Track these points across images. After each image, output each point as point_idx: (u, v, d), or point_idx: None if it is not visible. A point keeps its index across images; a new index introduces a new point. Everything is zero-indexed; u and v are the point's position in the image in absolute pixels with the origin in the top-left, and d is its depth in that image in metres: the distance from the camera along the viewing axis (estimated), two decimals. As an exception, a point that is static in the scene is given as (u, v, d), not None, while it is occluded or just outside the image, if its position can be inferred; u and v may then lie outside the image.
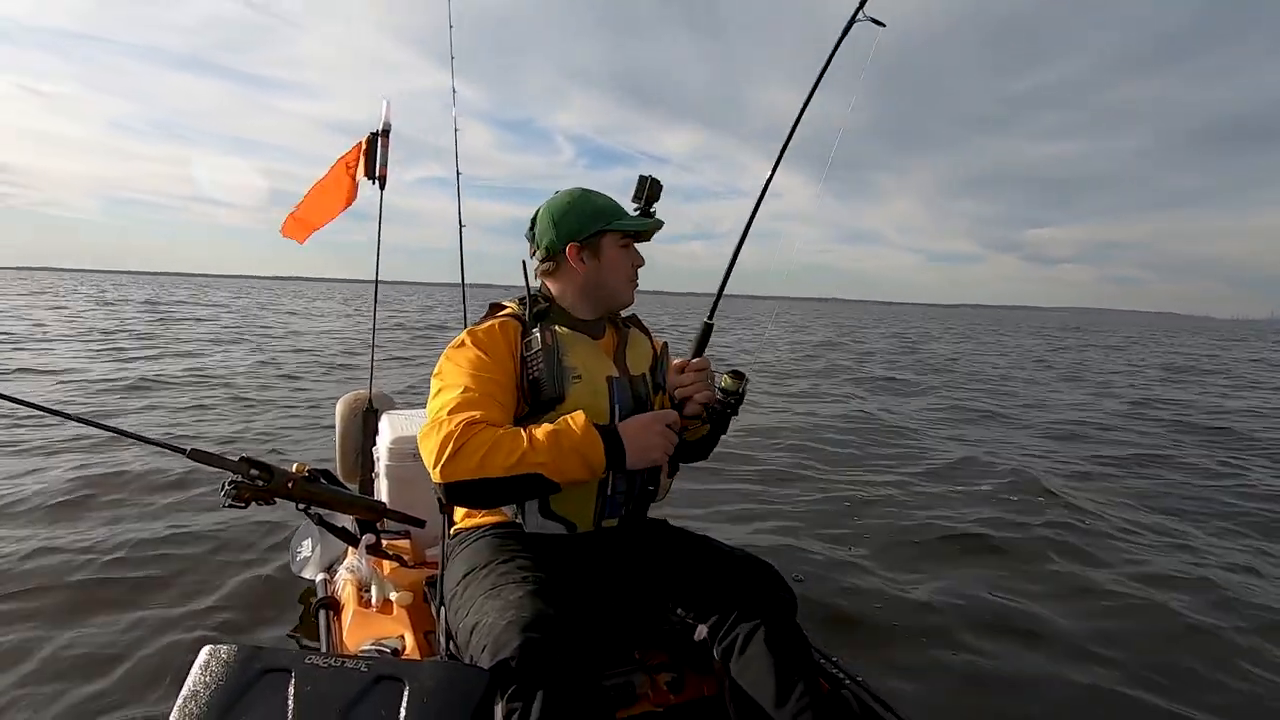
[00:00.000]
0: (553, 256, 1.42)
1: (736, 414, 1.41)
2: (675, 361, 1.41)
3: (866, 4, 1.40)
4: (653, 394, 1.48)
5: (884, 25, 1.39)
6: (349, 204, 2.91)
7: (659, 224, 1.45)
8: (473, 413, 1.21)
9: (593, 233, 1.39)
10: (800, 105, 1.43)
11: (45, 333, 12.97)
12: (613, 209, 1.42)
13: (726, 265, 1.46)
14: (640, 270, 1.46)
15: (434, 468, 1.19)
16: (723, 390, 1.38)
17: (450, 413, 1.22)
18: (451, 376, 1.30)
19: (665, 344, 1.59)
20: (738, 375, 1.38)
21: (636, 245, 1.47)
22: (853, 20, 1.41)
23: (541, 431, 1.20)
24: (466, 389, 1.26)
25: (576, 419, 1.22)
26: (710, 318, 1.41)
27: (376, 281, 2.96)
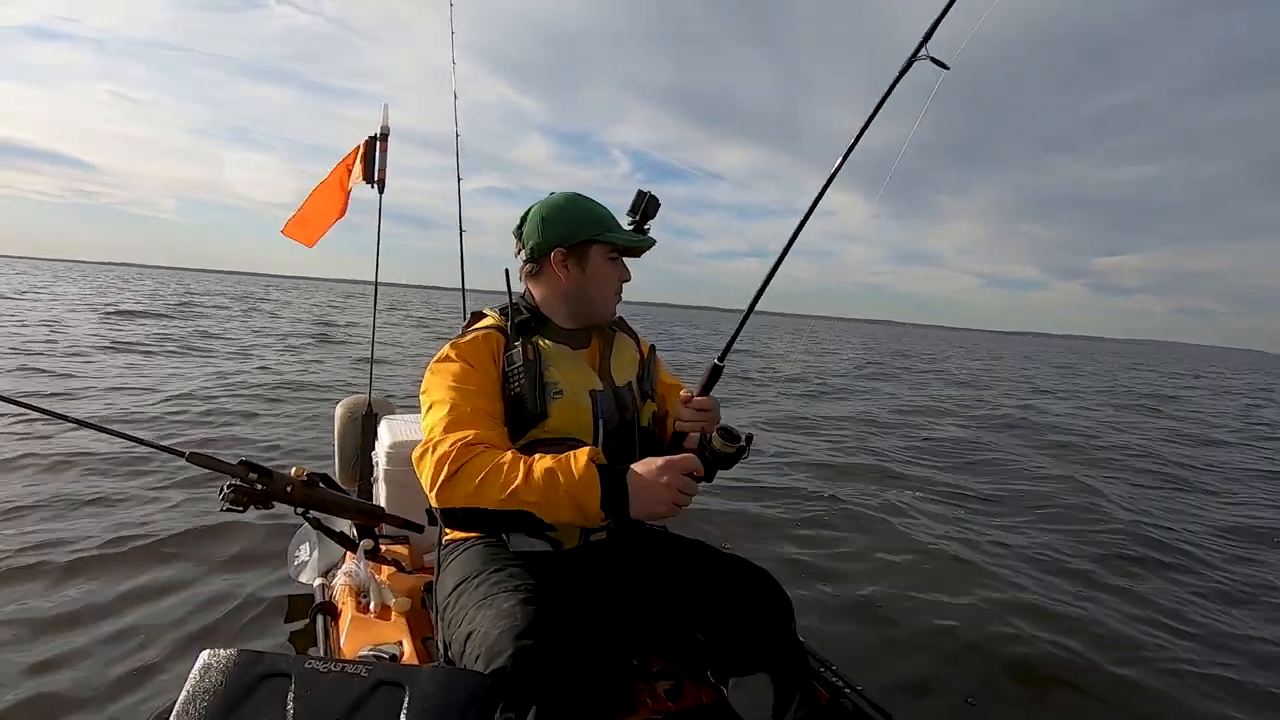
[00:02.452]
0: (537, 259, 1.39)
1: (727, 469, 1.27)
2: (683, 392, 1.35)
3: (929, 43, 1.28)
4: (640, 402, 1.45)
5: (947, 68, 1.25)
6: (342, 213, 2.89)
7: (651, 242, 1.41)
8: (466, 432, 1.19)
9: (581, 240, 1.36)
10: (853, 136, 1.34)
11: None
12: (605, 219, 1.39)
13: (744, 312, 1.37)
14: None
15: (430, 490, 1.18)
16: (710, 448, 1.24)
17: (445, 431, 1.20)
18: (439, 392, 1.28)
19: (653, 347, 1.57)
20: (730, 437, 1.23)
21: (627, 261, 1.44)
22: (913, 59, 1.29)
23: (541, 466, 1.15)
24: (455, 405, 1.24)
25: (579, 458, 1.15)
26: (721, 359, 1.33)
27: (376, 285, 2.97)
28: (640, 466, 1.17)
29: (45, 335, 10.68)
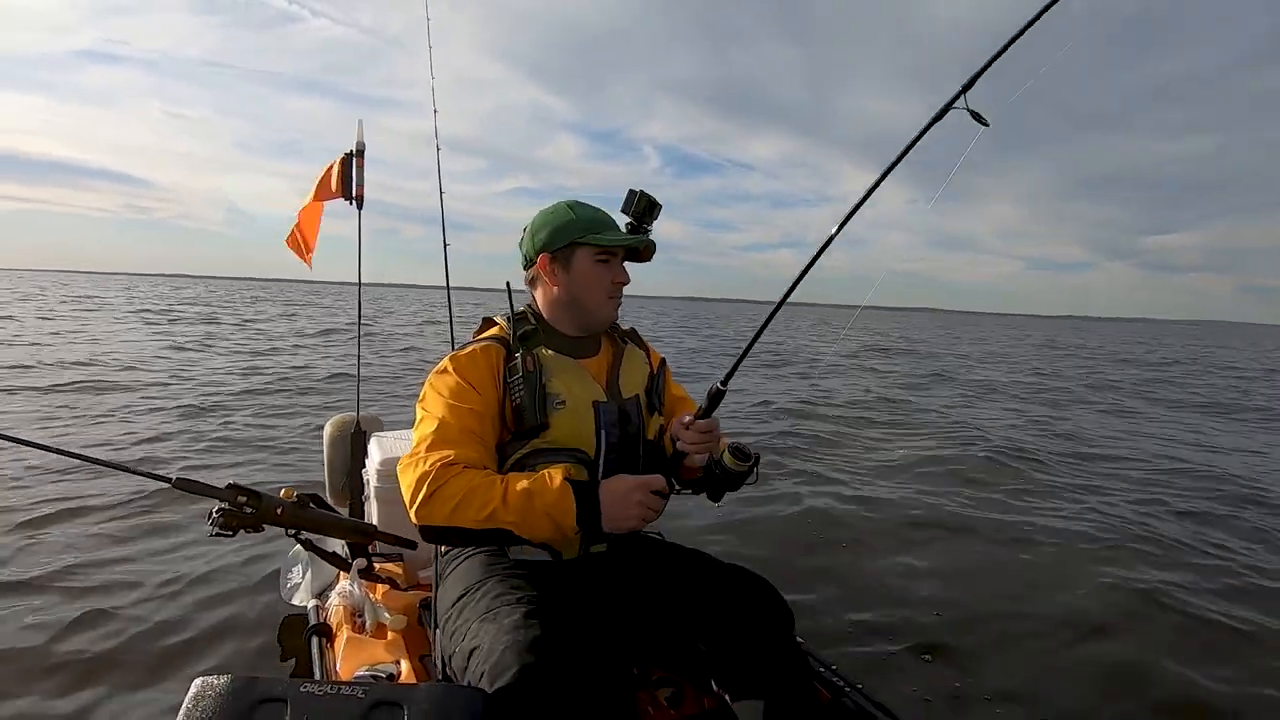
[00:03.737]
0: (530, 266, 1.41)
1: (735, 490, 1.32)
2: (685, 415, 1.33)
3: (969, 92, 1.16)
4: (647, 415, 1.44)
5: (986, 125, 1.14)
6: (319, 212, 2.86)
7: (644, 241, 1.39)
8: (447, 451, 1.21)
9: (564, 244, 1.36)
10: (877, 176, 1.22)
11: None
12: (592, 222, 1.37)
13: (749, 341, 1.29)
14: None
15: (410, 508, 1.20)
16: (721, 465, 1.28)
17: (428, 449, 1.22)
18: (432, 406, 1.29)
19: (663, 359, 1.57)
20: (741, 455, 1.26)
21: (631, 263, 1.43)
22: (948, 108, 1.17)
23: (518, 487, 1.17)
24: (444, 421, 1.25)
25: (554, 477, 1.19)
26: (724, 383, 1.29)
27: (359, 300, 2.95)
28: (612, 483, 1.21)
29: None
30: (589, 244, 1.36)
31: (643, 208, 1.37)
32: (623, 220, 1.40)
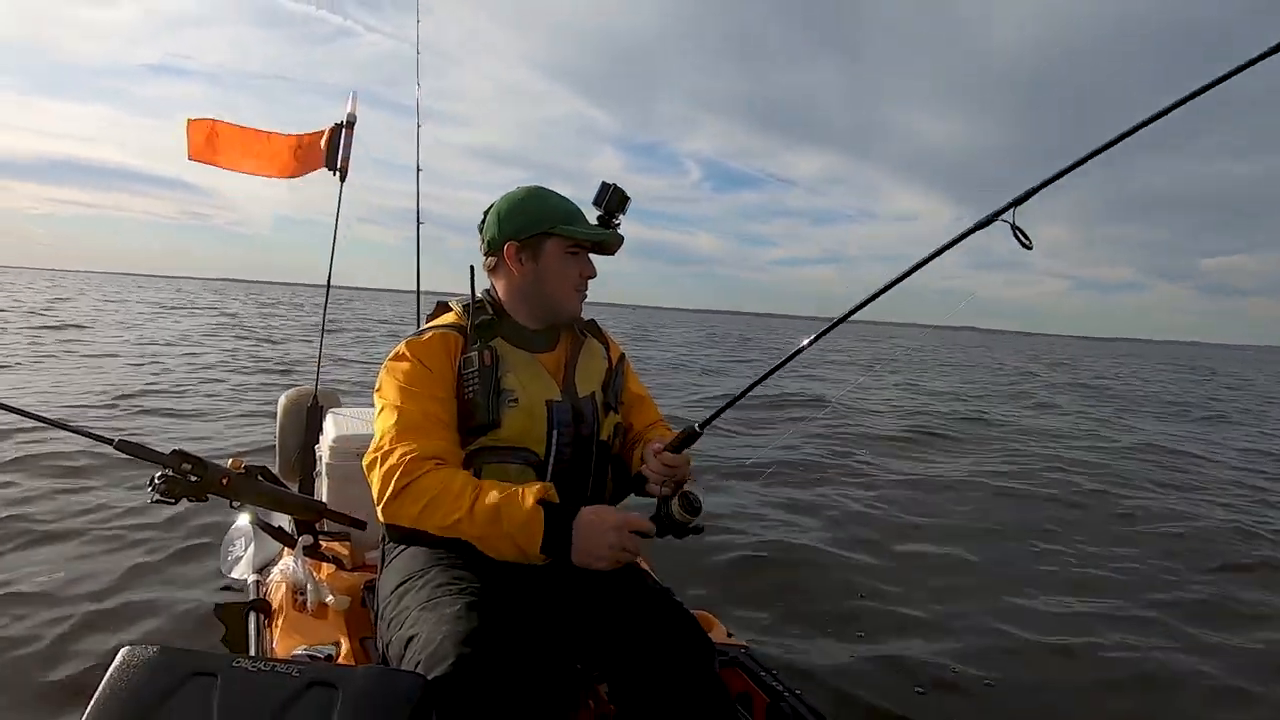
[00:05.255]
0: (494, 252, 1.35)
1: (679, 538, 1.23)
2: (654, 444, 1.29)
3: (1018, 209, 1.07)
4: (602, 414, 1.39)
5: (1029, 247, 1.08)
6: (280, 175, 2.85)
7: (616, 237, 1.35)
8: (413, 444, 1.17)
9: (535, 234, 1.31)
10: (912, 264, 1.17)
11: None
12: (563, 213, 1.32)
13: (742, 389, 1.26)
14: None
15: (378, 504, 1.17)
16: (669, 512, 1.21)
17: (393, 441, 1.18)
18: (391, 394, 1.25)
19: (622, 354, 1.53)
20: (691, 509, 1.19)
21: (596, 257, 1.38)
22: (995, 218, 1.09)
23: (487, 499, 1.12)
24: (405, 410, 1.21)
25: (527, 497, 1.12)
26: (701, 428, 1.27)
27: (330, 276, 2.89)
28: (591, 514, 1.14)
29: None
30: (560, 235, 1.31)
31: (615, 202, 1.34)
32: (592, 214, 1.36)
